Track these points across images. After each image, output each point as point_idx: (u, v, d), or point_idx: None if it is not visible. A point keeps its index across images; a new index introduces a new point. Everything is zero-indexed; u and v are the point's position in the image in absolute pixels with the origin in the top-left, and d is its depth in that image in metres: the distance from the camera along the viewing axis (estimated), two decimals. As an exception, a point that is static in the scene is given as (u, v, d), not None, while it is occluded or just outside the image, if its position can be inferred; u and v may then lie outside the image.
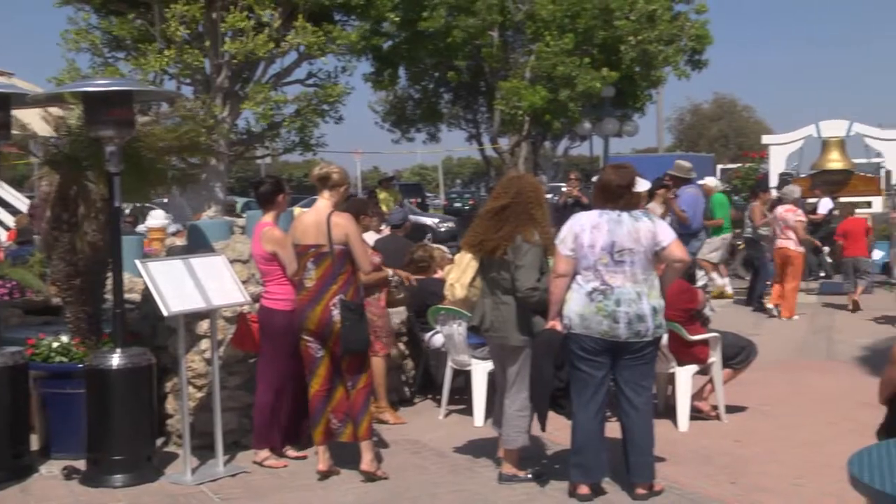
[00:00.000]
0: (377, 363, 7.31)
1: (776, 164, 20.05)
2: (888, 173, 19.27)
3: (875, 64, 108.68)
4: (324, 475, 5.95)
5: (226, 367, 6.49)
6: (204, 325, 6.44)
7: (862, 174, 19.28)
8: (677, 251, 5.42)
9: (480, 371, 7.14)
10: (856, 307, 12.88)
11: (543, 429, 5.73)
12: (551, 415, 5.67)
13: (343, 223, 5.84)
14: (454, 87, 25.75)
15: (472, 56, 22.65)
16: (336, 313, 5.78)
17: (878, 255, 15.31)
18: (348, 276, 5.86)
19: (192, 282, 6.00)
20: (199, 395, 6.53)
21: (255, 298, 6.41)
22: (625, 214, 5.37)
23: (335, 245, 5.79)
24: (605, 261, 5.30)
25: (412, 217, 13.90)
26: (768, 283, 13.32)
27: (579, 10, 20.50)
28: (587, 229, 5.35)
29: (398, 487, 5.82)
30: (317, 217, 5.88)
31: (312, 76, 17.16)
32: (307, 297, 5.85)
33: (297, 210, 7.76)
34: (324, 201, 5.95)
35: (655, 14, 20.84)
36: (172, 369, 6.47)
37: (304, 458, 6.33)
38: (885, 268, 15.54)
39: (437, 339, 7.82)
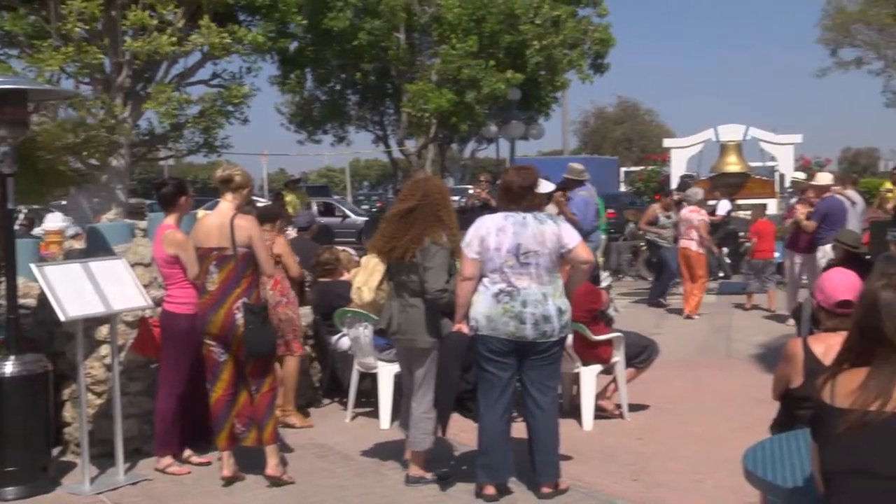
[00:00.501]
0: (292, 363, 7.26)
1: (677, 167, 20.53)
2: (782, 176, 19.90)
3: (770, 69, 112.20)
4: (228, 481, 5.86)
5: (126, 373, 6.35)
6: (104, 331, 6.28)
7: (758, 177, 19.88)
8: (583, 253, 5.51)
9: (387, 374, 7.13)
10: (770, 309, 13.22)
11: (443, 432, 5.75)
12: (458, 417, 5.70)
13: (247, 226, 5.77)
14: (361, 89, 25.65)
15: (379, 58, 22.60)
16: (239, 317, 5.71)
17: (775, 255, 15.78)
18: (252, 279, 5.79)
19: (91, 286, 5.85)
20: (99, 401, 6.37)
21: (158, 302, 6.28)
22: (529, 217, 5.42)
23: (239, 248, 5.71)
24: (511, 263, 5.34)
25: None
26: (677, 280, 13.63)
27: (485, 13, 20.64)
28: (493, 232, 5.40)
29: (304, 492, 5.77)
30: (219, 219, 5.80)
31: (217, 77, 16.88)
32: (210, 301, 5.76)
33: (200, 212, 7.64)
34: (226, 203, 5.87)
35: (560, 19, 21.11)
36: (71, 376, 6.29)
37: (208, 464, 6.23)
38: (780, 268, 16.03)
39: (344, 342, 7.79)
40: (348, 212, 30.61)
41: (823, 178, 12.23)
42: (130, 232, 7.58)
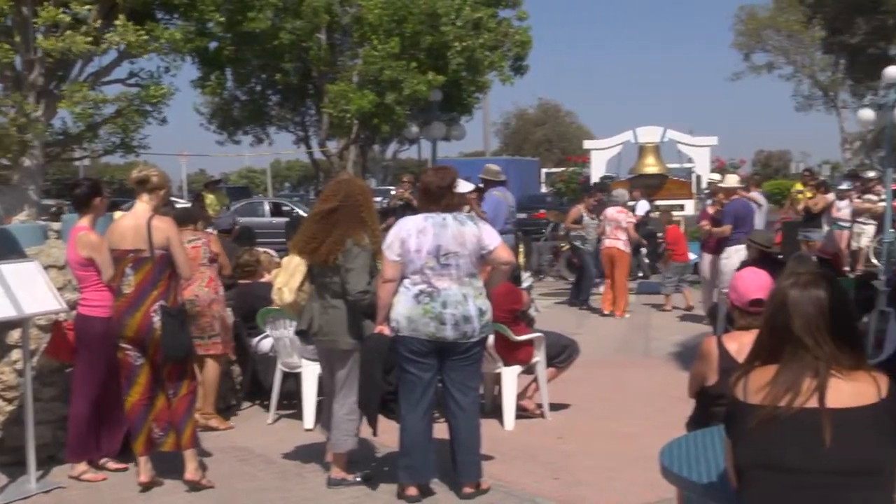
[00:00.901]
0: (212, 366, 7.17)
1: (597, 169, 20.78)
2: (699, 177, 20.30)
3: (687, 73, 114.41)
4: (146, 487, 5.76)
5: (39, 378, 6.18)
6: (15, 335, 6.11)
7: (675, 178, 20.24)
8: (504, 254, 5.55)
9: (311, 372, 7.08)
10: (688, 308, 13.46)
11: (375, 433, 5.74)
12: (381, 418, 5.68)
13: (164, 227, 5.68)
14: (282, 90, 25.46)
15: (300, 58, 22.46)
16: (157, 320, 5.61)
17: (691, 256, 16.08)
18: (170, 281, 5.70)
19: (1, 289, 5.68)
20: (10, 408, 6.19)
21: (72, 306, 6.14)
22: (450, 218, 5.45)
23: (156, 250, 5.62)
24: (432, 264, 5.36)
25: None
26: (597, 280, 13.81)
27: (406, 14, 20.64)
28: (413, 234, 5.40)
29: (224, 496, 5.70)
30: (135, 221, 5.70)
31: (134, 76, 16.59)
32: (125, 304, 5.66)
33: (117, 214, 7.49)
34: (143, 205, 5.77)
35: (481, 21, 21.22)
36: (-20, 382, 6.11)
37: (125, 469, 6.11)
38: (696, 268, 16.35)
39: (265, 344, 7.72)
40: (301, 212, 30.24)
41: (730, 180, 12.52)
42: (43, 233, 7.40)
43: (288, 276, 6.65)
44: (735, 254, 11.15)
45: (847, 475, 2.55)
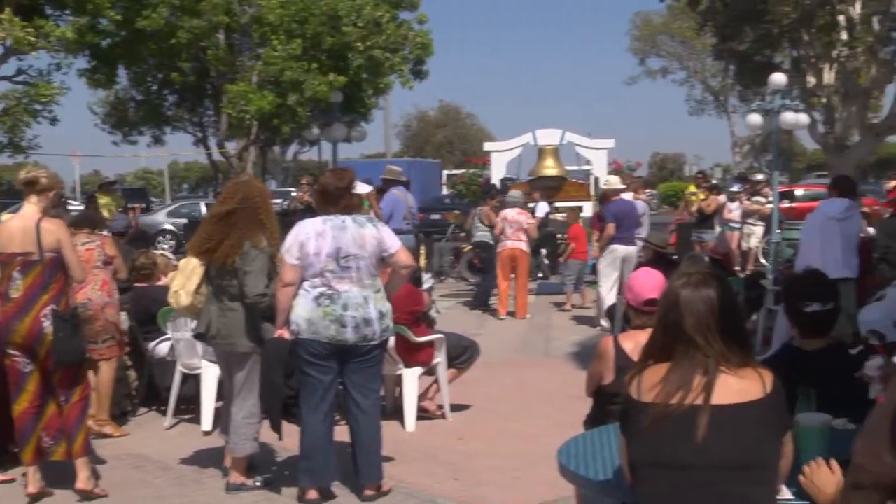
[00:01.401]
0: (107, 371, 7.00)
1: (497, 170, 20.93)
2: (597, 180, 20.63)
3: (585, 76, 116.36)
4: (34, 498, 5.57)
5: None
6: None
7: (574, 180, 20.53)
8: (404, 258, 5.56)
9: (211, 374, 6.96)
10: (576, 305, 13.68)
11: (280, 437, 5.69)
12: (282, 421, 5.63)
13: (54, 229, 5.51)
14: (179, 90, 24.98)
15: (198, 58, 22.07)
16: (47, 325, 5.44)
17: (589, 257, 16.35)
18: (61, 285, 5.53)
19: None
20: None
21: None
22: (349, 220, 5.43)
23: (46, 252, 5.45)
24: (332, 267, 5.33)
25: None
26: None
27: (307, 15, 20.49)
28: (312, 237, 5.36)
29: (119, 505, 5.57)
30: (23, 223, 5.52)
31: (22, 73, 16.07)
32: (13, 309, 5.47)
33: (5, 216, 7.26)
34: (31, 206, 5.59)
35: (382, 21, 21.19)
36: None
37: (12, 481, 5.90)
38: (594, 268, 16.63)
39: (163, 348, 7.57)
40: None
41: (612, 181, 12.80)
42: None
43: (185, 279, 6.53)
44: (609, 254, 11.49)
45: (733, 470, 2.62)
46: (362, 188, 5.80)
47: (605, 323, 11.44)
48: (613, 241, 11.53)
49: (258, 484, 5.73)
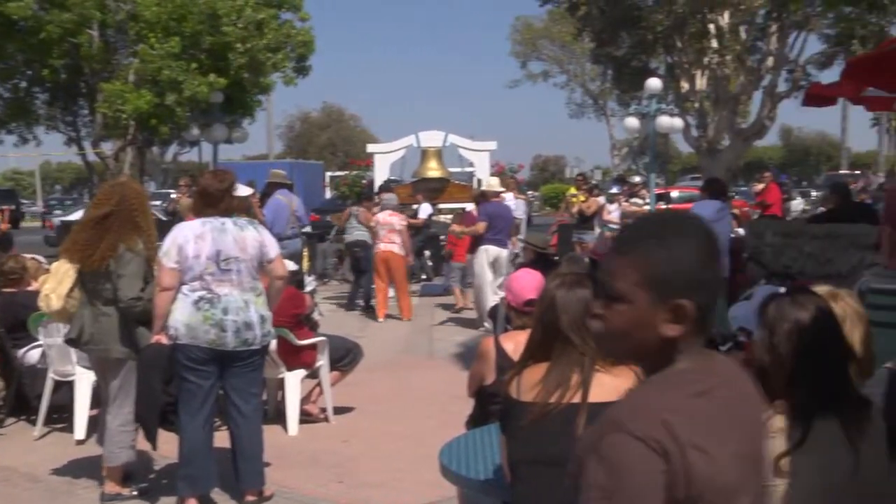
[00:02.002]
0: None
1: (381, 172, 20.91)
2: (479, 181, 20.81)
3: (468, 79, 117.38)
4: None
5: None
6: None
7: (457, 182, 20.67)
8: (280, 268, 5.48)
9: (85, 381, 6.75)
10: (466, 307, 13.76)
11: (154, 447, 5.54)
12: (159, 428, 5.49)
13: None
14: (50, 87, 24.12)
15: (70, 55, 21.34)
16: None
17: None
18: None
19: None
20: None
21: None
22: (229, 222, 5.34)
23: None
24: (212, 270, 5.23)
25: None
26: (371, 286, 13.88)
27: (185, 13, 20.06)
28: (191, 240, 5.25)
29: (-14, 520, 5.35)
30: None
31: None
32: None
33: None
34: None
35: (263, 22, 20.93)
36: None
37: None
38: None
39: (33, 355, 7.31)
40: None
41: (491, 182, 13.01)
42: None
43: (56, 282, 6.32)
44: (482, 253, 11.70)
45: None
46: (243, 190, 5.70)
47: (487, 324, 11.55)
48: (485, 242, 11.73)
49: (134, 493, 5.60)
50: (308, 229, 19.92)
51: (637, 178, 20.11)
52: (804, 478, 2.58)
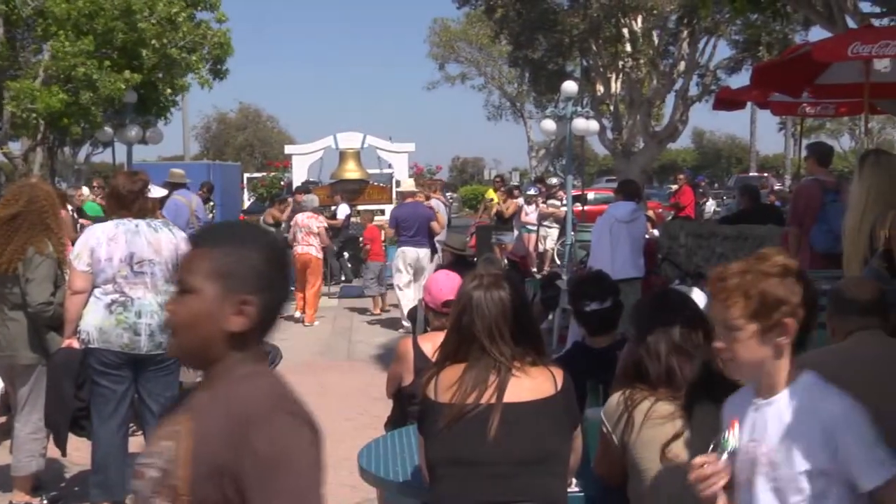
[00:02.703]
0: None
1: (299, 173, 20.77)
2: (398, 183, 20.82)
3: (386, 81, 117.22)
4: None
5: None
6: None
7: (376, 184, 20.66)
8: None
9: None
10: (382, 309, 13.75)
11: (64, 453, 5.41)
12: (71, 434, 5.37)
13: None
14: (-47, 85, 23.34)
15: (-27, 51, 20.66)
16: None
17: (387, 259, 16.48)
18: None
19: None
20: None
21: None
22: (142, 224, 5.24)
23: None
24: (125, 273, 5.13)
25: None
26: (291, 288, 13.77)
27: (97, 9, 19.60)
28: (103, 242, 5.14)
29: None
30: None
31: None
32: None
33: None
34: None
35: (177, 18, 20.57)
36: None
37: None
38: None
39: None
40: None
41: (406, 184, 13.13)
42: None
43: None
44: (399, 256, 11.81)
45: (525, 464, 2.73)
46: (157, 192, 5.61)
47: (406, 324, 11.59)
48: (401, 244, 11.88)
49: (45, 502, 5.46)
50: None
51: (554, 180, 20.36)
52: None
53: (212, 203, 18.90)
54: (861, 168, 5.31)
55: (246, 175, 31.51)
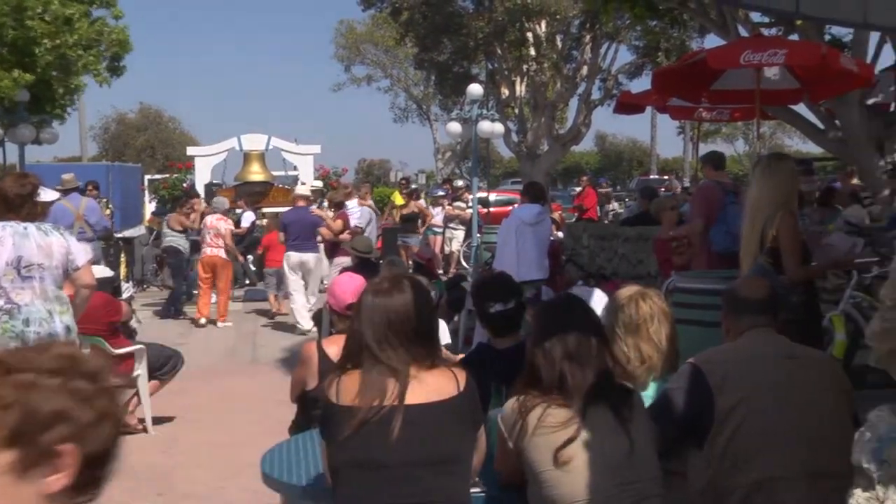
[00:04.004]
0: None
1: (202, 175, 20.45)
2: (303, 184, 20.66)
3: (290, 82, 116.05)
4: None
5: None
6: None
7: (281, 186, 20.46)
8: (87, 276, 5.20)
9: None
10: (279, 310, 13.64)
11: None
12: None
13: None
14: None
15: None
16: None
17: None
18: None
19: None
20: None
21: None
22: (32, 227, 5.04)
23: None
24: (11, 277, 4.93)
25: None
26: (195, 292, 13.57)
27: (-15, 5, 18.97)
28: (-12, 245, 4.95)
29: None
30: None
31: None
32: None
33: None
34: None
35: (72, 18, 20.03)
36: None
37: None
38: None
39: None
40: None
41: (299, 189, 13.50)
42: None
43: None
44: (285, 260, 12.19)
45: (428, 465, 2.74)
46: (48, 195, 5.44)
47: (300, 327, 11.97)
48: (287, 248, 12.22)
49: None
50: (136, 232, 19.26)
51: (460, 182, 20.48)
52: (587, 462, 2.86)
53: (108, 205, 18.46)
54: (755, 171, 5.54)
55: (147, 177, 30.85)
